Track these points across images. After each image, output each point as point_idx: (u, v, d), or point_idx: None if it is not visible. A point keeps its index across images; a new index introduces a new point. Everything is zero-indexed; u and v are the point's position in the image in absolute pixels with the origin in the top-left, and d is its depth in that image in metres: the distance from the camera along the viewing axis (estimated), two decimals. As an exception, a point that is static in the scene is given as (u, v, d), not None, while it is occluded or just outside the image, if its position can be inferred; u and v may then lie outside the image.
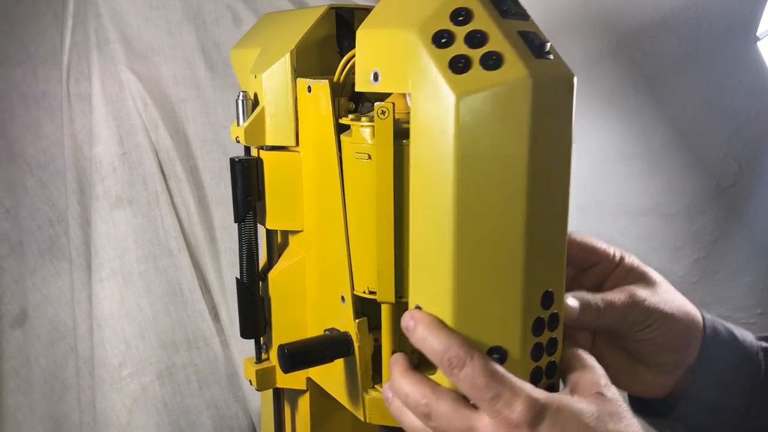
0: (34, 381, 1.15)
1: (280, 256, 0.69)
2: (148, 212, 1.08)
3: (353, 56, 0.57)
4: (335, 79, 0.60)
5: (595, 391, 0.47)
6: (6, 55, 1.07)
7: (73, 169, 1.06)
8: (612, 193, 1.53)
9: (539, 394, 0.46)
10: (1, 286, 1.12)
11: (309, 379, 0.69)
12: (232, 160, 0.65)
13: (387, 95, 0.55)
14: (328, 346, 0.59)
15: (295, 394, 0.72)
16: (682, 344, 0.58)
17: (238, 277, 0.68)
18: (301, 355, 0.58)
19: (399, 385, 0.50)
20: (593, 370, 0.49)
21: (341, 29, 0.67)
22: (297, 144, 0.64)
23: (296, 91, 0.63)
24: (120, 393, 1.08)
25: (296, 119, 0.63)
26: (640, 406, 0.62)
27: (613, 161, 1.48)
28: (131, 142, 1.06)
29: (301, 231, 0.66)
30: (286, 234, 0.69)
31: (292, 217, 0.66)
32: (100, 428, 1.09)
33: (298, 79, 0.62)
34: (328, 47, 0.66)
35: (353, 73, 0.54)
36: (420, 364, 0.53)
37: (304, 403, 0.71)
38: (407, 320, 0.50)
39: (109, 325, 1.06)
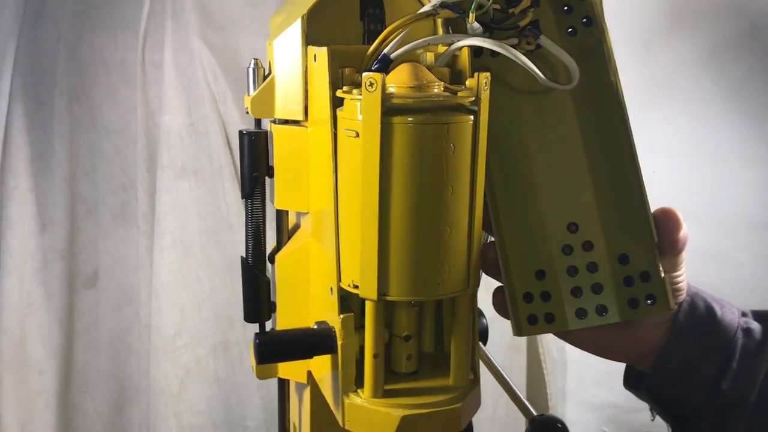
0: (102, 341, 1.18)
1: (290, 238, 0.65)
2: (212, 184, 1.07)
3: (396, 28, 0.52)
4: (370, 50, 0.54)
5: None
6: (93, 22, 1.10)
7: (144, 136, 1.07)
8: (730, 202, 1.36)
9: None
10: (77, 246, 1.16)
11: (311, 373, 0.64)
12: (240, 133, 0.61)
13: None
14: (307, 341, 0.54)
15: (299, 386, 0.68)
16: None
17: (243, 256, 0.64)
18: (275, 347, 0.53)
19: None
20: None
21: (365, -5, 0.60)
22: (306, 118, 0.59)
23: (306, 61, 0.58)
24: (173, 362, 1.09)
25: (306, 91, 0.58)
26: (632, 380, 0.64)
27: (731, 165, 1.31)
28: (199, 113, 1.05)
29: (308, 213, 0.61)
30: (299, 215, 0.65)
31: (299, 198, 0.61)
32: (153, 395, 1.11)
33: (308, 47, 0.57)
34: (350, 14, 0.60)
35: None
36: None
37: (306, 396, 0.67)
38: None
39: (166, 294, 1.07)
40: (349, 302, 0.54)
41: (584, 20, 0.58)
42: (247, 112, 0.61)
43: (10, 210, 1.10)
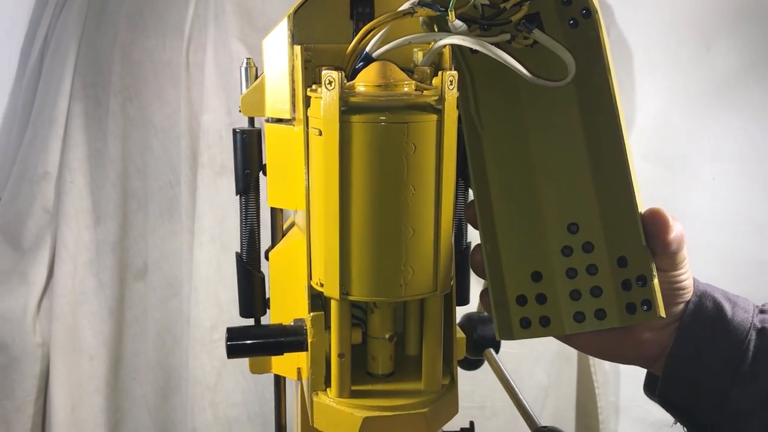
0: (149, 331, 1.23)
1: (284, 235, 0.65)
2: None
3: (374, 27, 0.52)
4: (349, 49, 0.54)
5: None
6: (145, 24, 1.15)
7: (187, 135, 1.11)
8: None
9: None
10: (128, 240, 1.21)
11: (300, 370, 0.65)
12: (233, 131, 0.63)
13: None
14: (276, 337, 0.54)
15: (294, 382, 0.69)
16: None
17: (237, 252, 0.65)
18: (243, 342, 0.54)
19: None
20: None
21: (355, -5, 0.60)
22: (294, 117, 0.60)
23: (293, 60, 0.58)
24: (210, 355, 1.12)
25: (292, 90, 0.59)
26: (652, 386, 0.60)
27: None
28: (238, 113, 1.08)
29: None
30: (296, 214, 0.65)
31: (290, 196, 0.62)
32: (191, 386, 1.15)
33: (294, 46, 0.58)
34: (339, 13, 0.60)
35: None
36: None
37: (297, 393, 0.67)
38: None
39: (204, 288, 1.10)
40: (323, 301, 0.55)
41: (583, 12, 0.56)
42: (240, 111, 0.63)
43: (66, 203, 1.17)
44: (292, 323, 0.57)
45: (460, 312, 0.72)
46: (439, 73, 0.48)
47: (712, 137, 1.25)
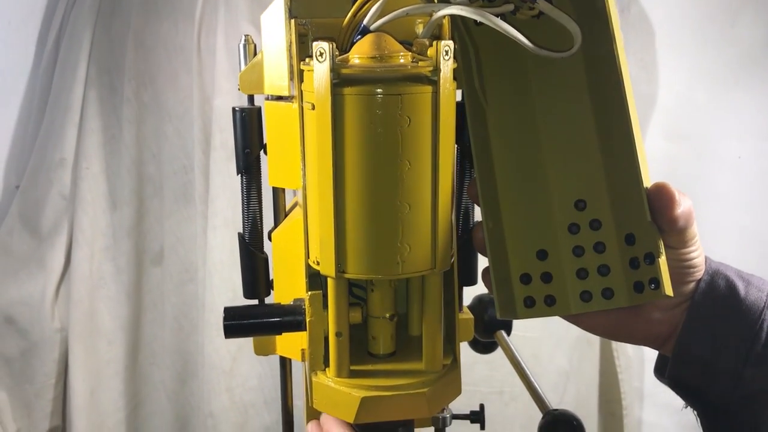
0: (167, 316, 1.24)
1: (287, 216, 0.64)
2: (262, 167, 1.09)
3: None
4: (345, 22, 0.53)
5: None
6: (158, 8, 1.14)
7: (200, 119, 1.10)
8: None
9: None
10: (144, 225, 1.22)
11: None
12: (233, 110, 0.62)
13: None
14: (274, 317, 0.53)
15: (302, 364, 0.68)
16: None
17: (240, 233, 0.64)
18: (241, 321, 0.53)
19: None
20: None
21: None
22: (292, 94, 0.58)
23: (291, 35, 0.57)
24: (225, 339, 1.12)
25: (290, 66, 0.57)
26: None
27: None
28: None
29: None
30: (297, 193, 0.64)
31: (291, 175, 0.61)
32: (207, 371, 1.15)
33: (292, 20, 0.56)
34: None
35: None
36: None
37: (302, 374, 0.67)
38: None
39: (218, 272, 1.10)
40: (322, 280, 0.54)
41: None
42: (239, 89, 0.62)
43: (83, 189, 1.17)
44: (293, 302, 0.56)
45: (473, 294, 0.71)
46: (434, 43, 0.47)
47: (737, 115, 1.21)
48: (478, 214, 0.62)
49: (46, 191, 1.18)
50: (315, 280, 0.53)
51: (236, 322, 0.53)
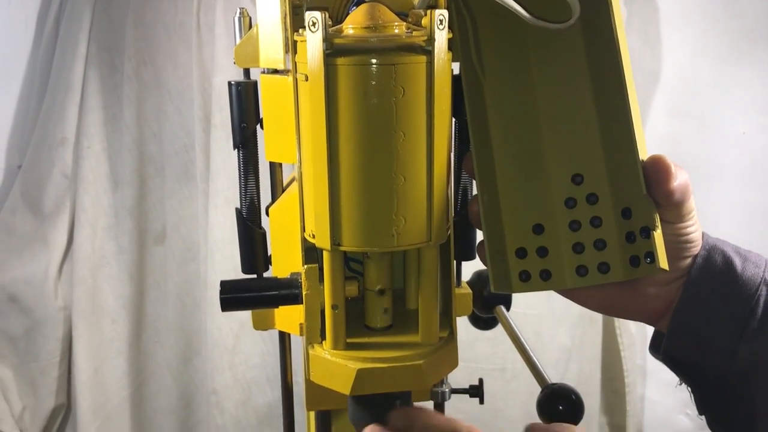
0: (170, 295, 1.24)
1: (284, 191, 0.64)
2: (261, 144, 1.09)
3: None
4: None
5: None
6: (156, -15, 1.14)
7: (200, 97, 1.10)
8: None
9: None
10: (147, 205, 1.22)
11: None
12: (228, 84, 0.61)
13: None
14: (270, 291, 0.53)
15: (301, 339, 0.68)
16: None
17: (237, 208, 0.64)
18: (238, 294, 0.53)
19: None
20: None
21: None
22: (287, 67, 0.58)
23: (286, 6, 0.56)
24: (227, 317, 1.12)
25: (285, 39, 0.57)
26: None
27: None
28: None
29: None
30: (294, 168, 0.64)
31: (288, 149, 0.60)
32: (209, 348, 1.15)
33: (287, -8, 0.56)
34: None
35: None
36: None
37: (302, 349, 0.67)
38: None
39: (219, 251, 1.11)
40: (318, 254, 0.53)
41: None
42: (234, 63, 0.61)
43: (85, 169, 1.17)
44: (291, 275, 0.56)
45: (472, 269, 0.71)
46: (428, 11, 0.46)
47: (742, 90, 1.20)
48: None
49: (48, 170, 1.18)
50: (311, 253, 0.53)
51: (233, 296, 0.53)
